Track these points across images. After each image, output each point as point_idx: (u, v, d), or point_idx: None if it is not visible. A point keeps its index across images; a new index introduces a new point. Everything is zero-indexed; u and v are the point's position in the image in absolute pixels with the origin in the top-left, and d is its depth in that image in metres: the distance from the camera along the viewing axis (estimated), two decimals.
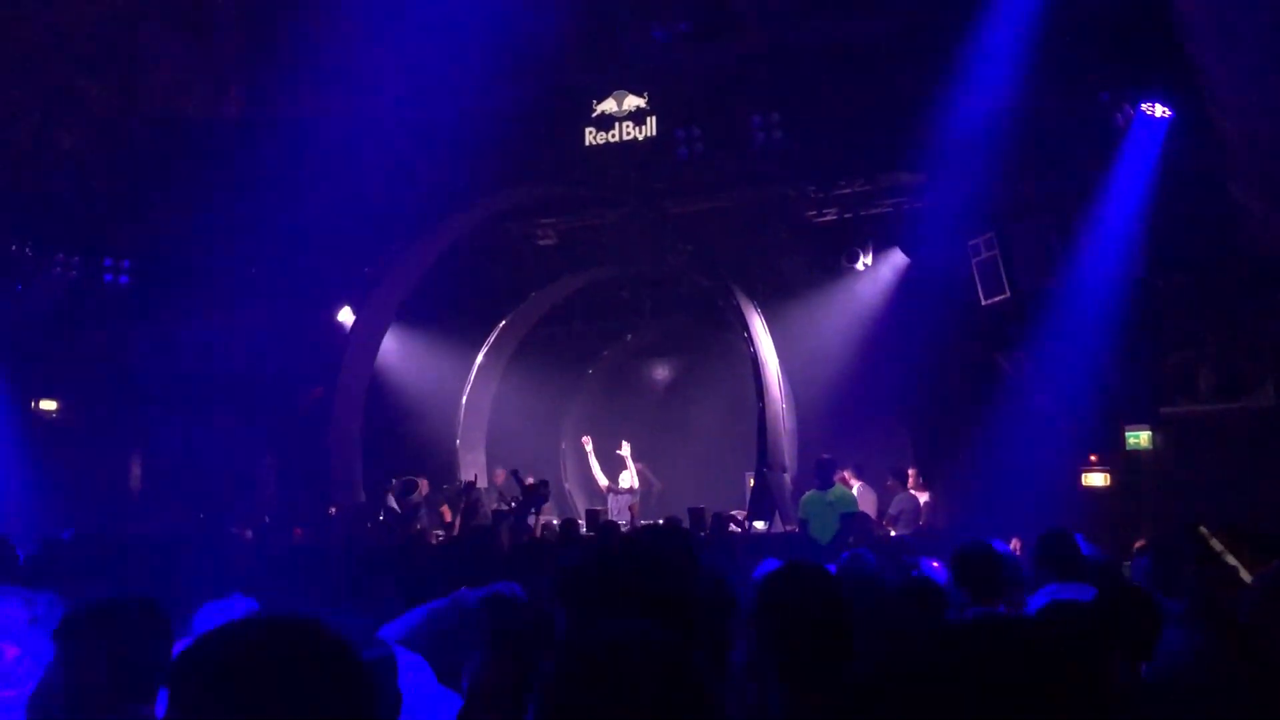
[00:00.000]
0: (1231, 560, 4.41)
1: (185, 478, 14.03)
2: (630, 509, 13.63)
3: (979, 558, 4.51)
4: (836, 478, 11.15)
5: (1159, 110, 9.81)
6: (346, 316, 15.27)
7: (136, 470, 14.58)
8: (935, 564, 5.67)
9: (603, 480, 14.66)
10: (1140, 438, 12.24)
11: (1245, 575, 4.30)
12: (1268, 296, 10.72)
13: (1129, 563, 6.50)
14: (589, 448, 14.84)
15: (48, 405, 14.12)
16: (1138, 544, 8.47)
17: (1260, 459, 11.10)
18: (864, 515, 10.45)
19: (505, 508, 12.84)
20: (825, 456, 10.97)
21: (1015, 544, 8.02)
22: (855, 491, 11.68)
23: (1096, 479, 13.45)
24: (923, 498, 12.51)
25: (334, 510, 13.58)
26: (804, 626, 2.60)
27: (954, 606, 4.32)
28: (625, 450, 14.71)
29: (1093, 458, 13.42)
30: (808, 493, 10.88)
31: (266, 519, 13.04)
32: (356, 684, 1.44)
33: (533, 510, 11.67)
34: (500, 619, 3.41)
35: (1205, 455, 11.68)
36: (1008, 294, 11.44)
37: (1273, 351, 11.07)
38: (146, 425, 14.63)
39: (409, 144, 14.84)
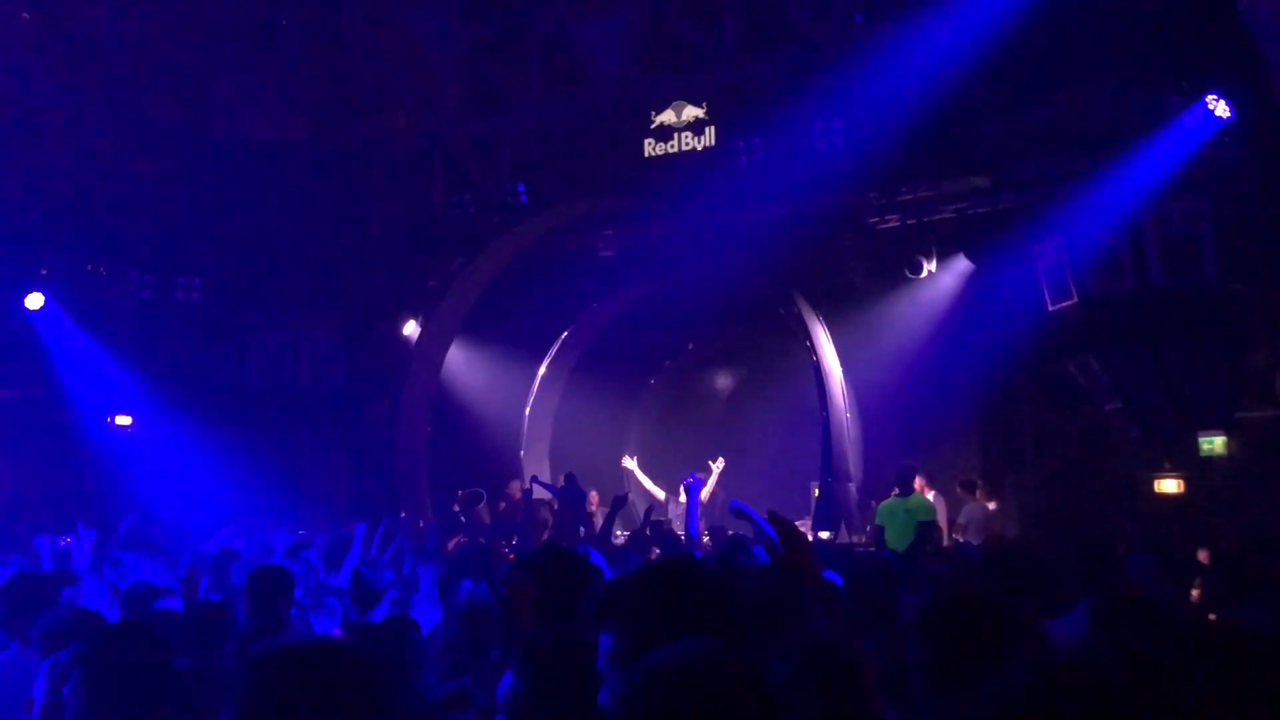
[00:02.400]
0: None
1: (254, 492, 14.28)
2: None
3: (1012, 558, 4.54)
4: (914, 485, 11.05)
5: (1220, 108, 9.60)
6: (411, 330, 15.46)
7: (209, 485, 14.87)
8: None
9: (659, 493, 14.64)
10: (1215, 443, 11.97)
11: None
12: None
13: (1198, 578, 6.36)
14: (633, 466, 14.83)
15: (123, 420, 14.46)
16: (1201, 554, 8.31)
17: None
18: (937, 524, 10.37)
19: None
20: (906, 463, 10.89)
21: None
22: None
23: (1170, 486, 13.19)
24: (991, 506, 12.35)
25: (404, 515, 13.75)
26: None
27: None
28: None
29: (1166, 464, 13.17)
30: (886, 499, 10.79)
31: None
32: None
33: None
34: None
35: None
36: (1075, 299, 11.25)
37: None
38: (217, 439, 14.92)
39: (472, 157, 15.04)
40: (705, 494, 14.31)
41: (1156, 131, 10.11)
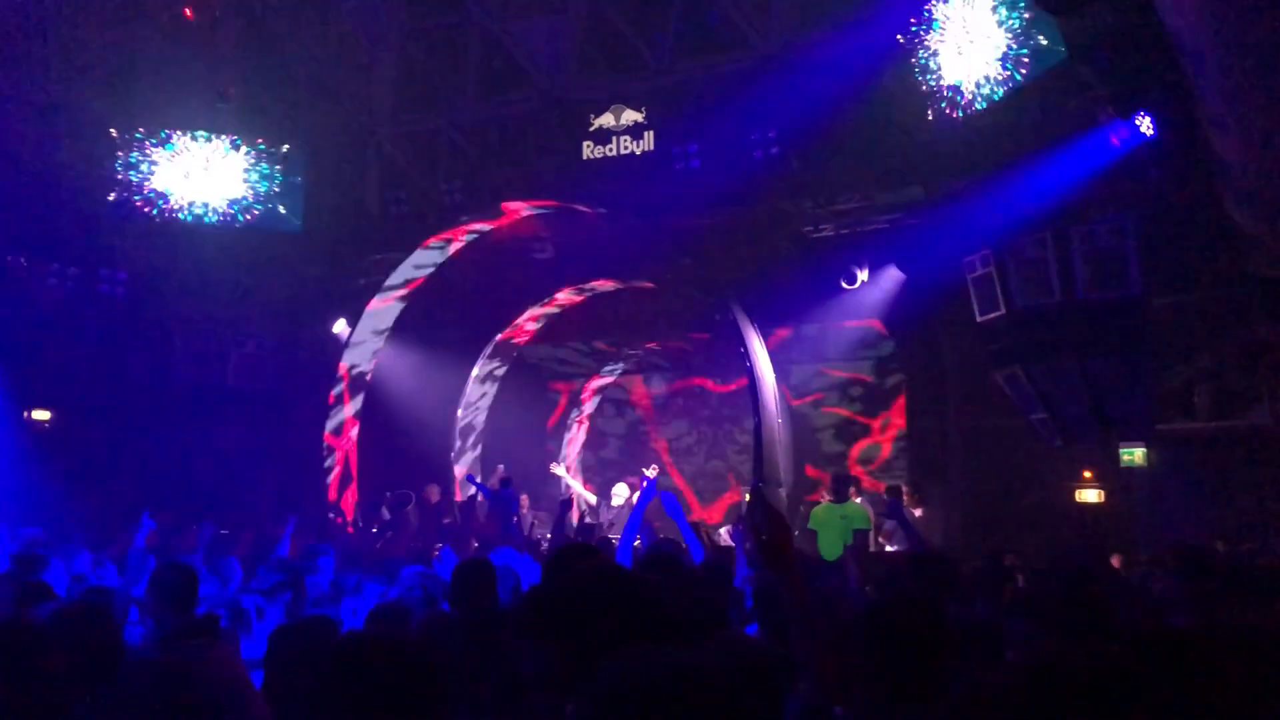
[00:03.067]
0: None
1: (180, 489, 13.98)
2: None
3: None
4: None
5: (1145, 126, 9.84)
6: (342, 329, 15.26)
7: (128, 482, 14.54)
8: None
9: (590, 497, 14.61)
10: (1135, 455, 12.26)
11: None
12: (1264, 316, 10.75)
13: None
14: (561, 471, 14.76)
15: (40, 415, 14.07)
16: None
17: (1254, 477, 11.14)
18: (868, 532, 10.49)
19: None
20: (840, 473, 11.00)
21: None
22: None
23: (1090, 495, 13.49)
24: (917, 513, 12.50)
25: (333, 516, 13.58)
26: None
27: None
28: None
29: (1086, 474, 13.47)
30: (820, 504, 10.87)
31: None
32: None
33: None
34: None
35: (1200, 473, 11.71)
36: (1003, 310, 11.44)
37: (1269, 371, 11.10)
38: (139, 437, 14.58)
39: (407, 155, 14.90)
40: (620, 494, 14.33)
41: (1086, 147, 10.32)
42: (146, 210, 14.30)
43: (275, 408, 15.07)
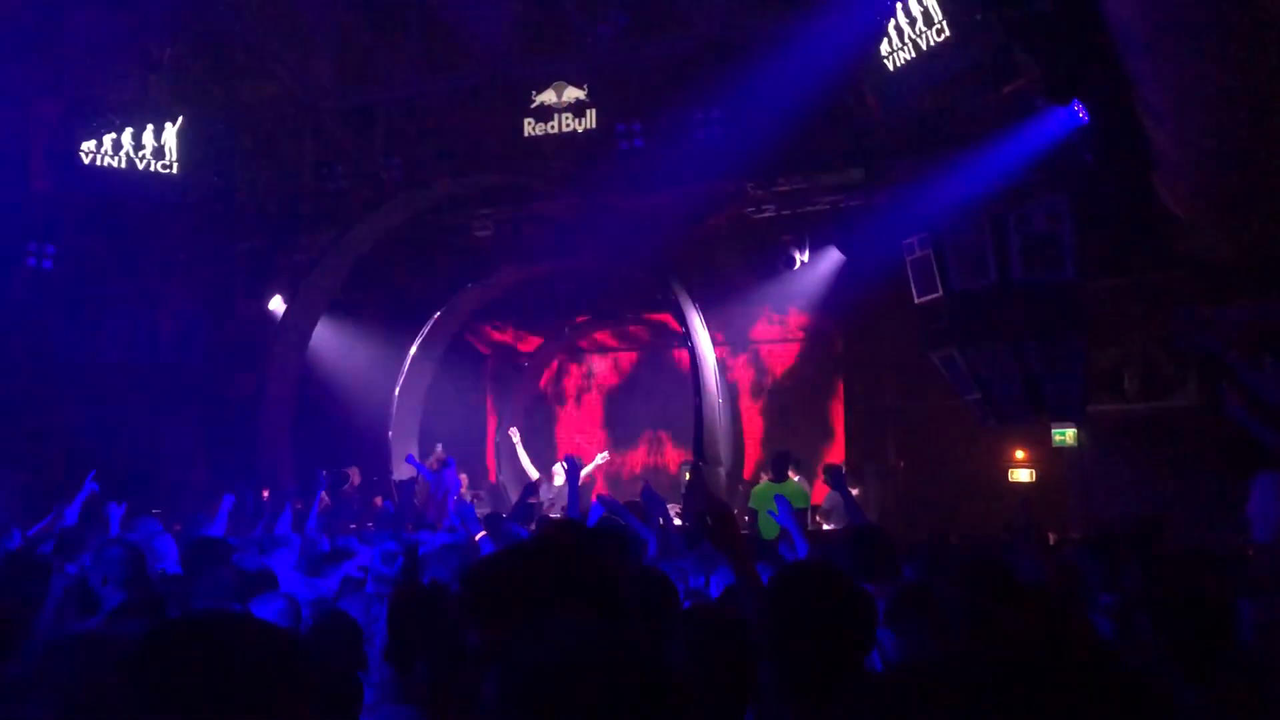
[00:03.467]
0: None
1: (108, 468, 13.68)
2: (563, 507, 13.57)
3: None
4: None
5: (1083, 113, 10.00)
6: (277, 305, 15.02)
7: (58, 460, 14.19)
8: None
9: (533, 472, 14.58)
10: (1067, 435, 12.53)
11: None
12: (1191, 300, 11.01)
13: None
14: (517, 439, 14.76)
15: None
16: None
17: (1181, 457, 11.42)
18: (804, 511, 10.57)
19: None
20: (781, 450, 11.04)
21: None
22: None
23: (1023, 475, 13.78)
24: (854, 492, 12.64)
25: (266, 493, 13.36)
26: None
27: None
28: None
29: (1019, 454, 13.74)
30: (760, 484, 10.94)
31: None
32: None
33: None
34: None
35: (1129, 453, 11.99)
36: (940, 293, 11.60)
37: (1196, 354, 11.38)
38: (67, 413, 14.24)
39: (345, 130, 14.66)
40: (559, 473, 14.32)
41: (1023, 133, 10.47)
42: (76, 182, 13.91)
43: (206, 384, 14.80)
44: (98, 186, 13.91)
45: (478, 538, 5.51)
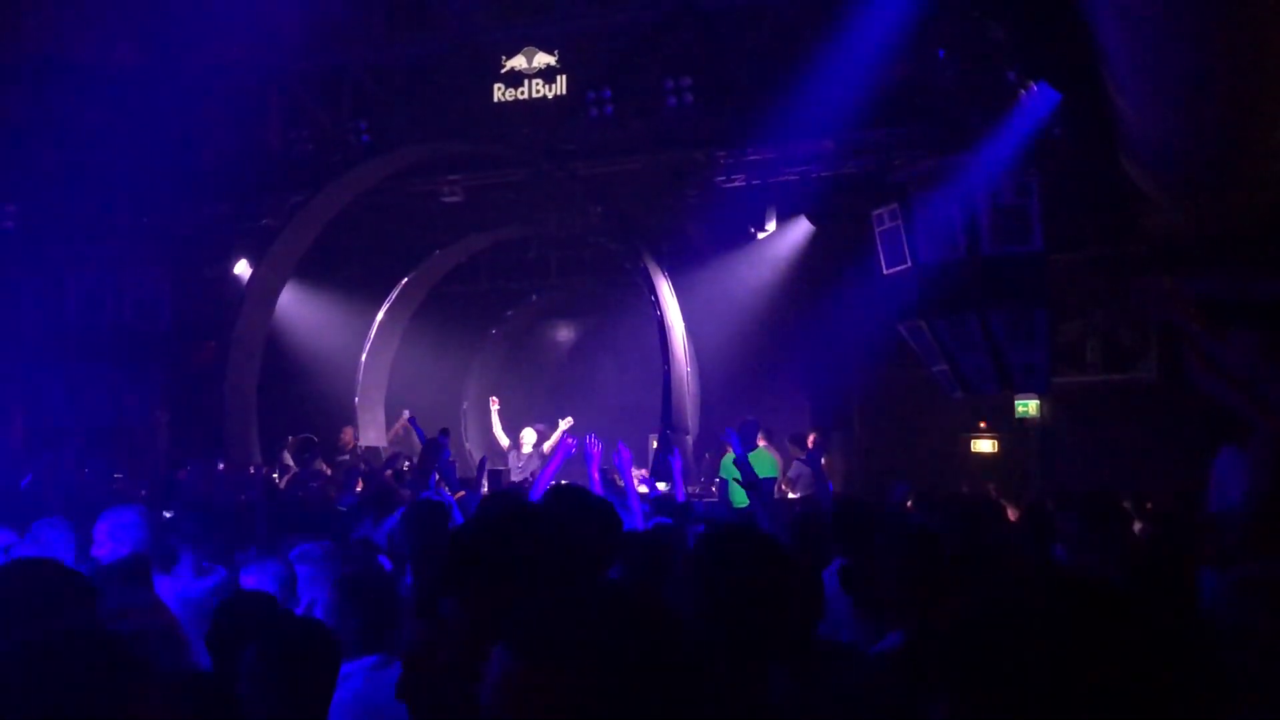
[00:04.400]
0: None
1: (71, 432, 13.55)
2: (533, 473, 13.59)
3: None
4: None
5: (1053, 87, 10.09)
6: (243, 269, 14.87)
7: (19, 423, 14.04)
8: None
9: (504, 440, 14.61)
10: (1029, 406, 12.71)
11: None
12: (1154, 274, 11.19)
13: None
14: (495, 408, 14.77)
15: None
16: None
17: (1142, 429, 11.64)
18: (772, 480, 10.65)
19: (404, 467, 12.68)
20: (749, 418, 11.08)
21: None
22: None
23: (985, 445, 13.96)
24: (822, 460, 12.76)
25: (223, 466, 13.26)
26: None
27: None
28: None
29: (981, 424, 13.92)
30: (729, 453, 10.97)
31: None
32: None
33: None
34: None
35: (1091, 425, 12.20)
36: (909, 264, 11.69)
37: (1156, 327, 11.57)
38: (30, 376, 14.08)
39: (312, 93, 14.48)
40: (548, 447, 14.32)
41: (994, 104, 10.54)
42: (39, 141, 13.68)
43: (170, 348, 14.68)
44: (62, 145, 13.70)
45: (457, 497, 5.54)
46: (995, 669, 1.25)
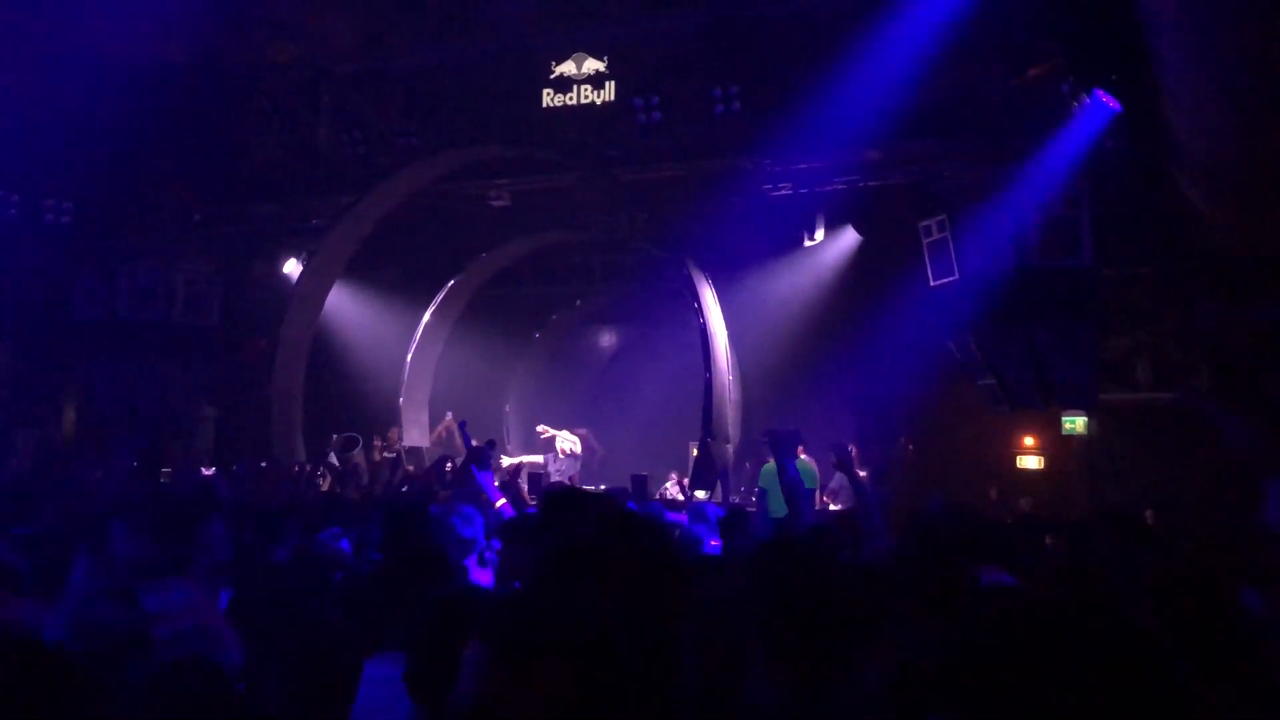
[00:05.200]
0: None
1: (121, 426, 13.78)
2: (570, 477, 13.62)
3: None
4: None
5: (1108, 100, 9.94)
6: (292, 268, 15.04)
7: (71, 416, 14.29)
8: None
9: (571, 443, 14.56)
10: (1077, 423, 12.53)
11: None
12: (1205, 291, 10.98)
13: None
14: (547, 434, 14.66)
15: None
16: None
17: (1190, 448, 11.42)
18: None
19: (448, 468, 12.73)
20: (792, 428, 10.98)
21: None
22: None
23: (1031, 462, 13.77)
24: (861, 474, 12.64)
25: (265, 464, 13.41)
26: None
27: None
28: (543, 430, 14.67)
29: (1028, 441, 13.73)
30: (769, 462, 10.89)
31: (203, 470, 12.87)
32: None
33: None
34: None
35: (1138, 442, 11.99)
36: (956, 276, 11.56)
37: (1207, 343, 11.35)
38: (82, 370, 14.32)
39: (363, 96, 14.63)
40: (574, 447, 14.32)
41: (1045, 116, 10.41)
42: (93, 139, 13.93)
43: (220, 345, 14.88)
44: (117, 143, 13.93)
45: (497, 505, 5.57)
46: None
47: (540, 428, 14.77)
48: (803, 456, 11.20)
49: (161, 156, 14.06)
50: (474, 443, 12.37)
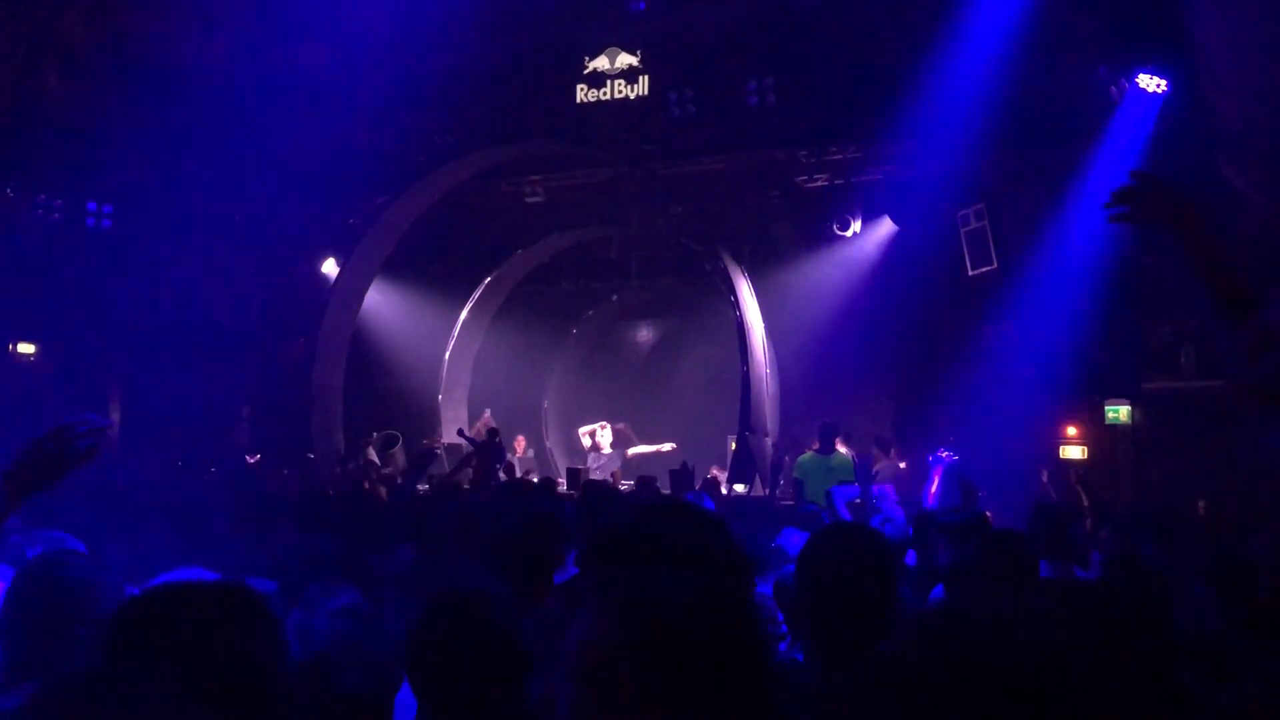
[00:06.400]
0: None
1: (164, 425, 13.96)
2: (613, 474, 13.63)
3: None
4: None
5: (1154, 84, 9.79)
6: (330, 268, 15.16)
7: (115, 416, 14.49)
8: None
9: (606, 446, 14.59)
10: (1120, 412, 12.35)
11: None
12: (1252, 278, 10.77)
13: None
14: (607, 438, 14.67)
15: (26, 349, 13.98)
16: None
17: (1237, 437, 11.22)
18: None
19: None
20: (829, 420, 10.93)
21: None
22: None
23: (1074, 452, 13.59)
24: (902, 466, 12.57)
25: (312, 455, 13.56)
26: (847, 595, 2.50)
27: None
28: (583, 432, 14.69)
29: (1071, 431, 13.56)
30: (806, 454, 10.85)
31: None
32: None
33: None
34: None
35: (1183, 432, 11.80)
36: (995, 265, 11.46)
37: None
38: (125, 371, 14.52)
39: (399, 94, 14.69)
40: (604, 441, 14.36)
41: (1082, 103, 10.28)
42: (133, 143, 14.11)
43: (260, 344, 15.04)
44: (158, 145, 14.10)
45: None
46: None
47: (581, 431, 14.81)
48: (841, 449, 11.14)
49: (199, 159, 14.19)
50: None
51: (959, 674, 1.25)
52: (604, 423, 14.56)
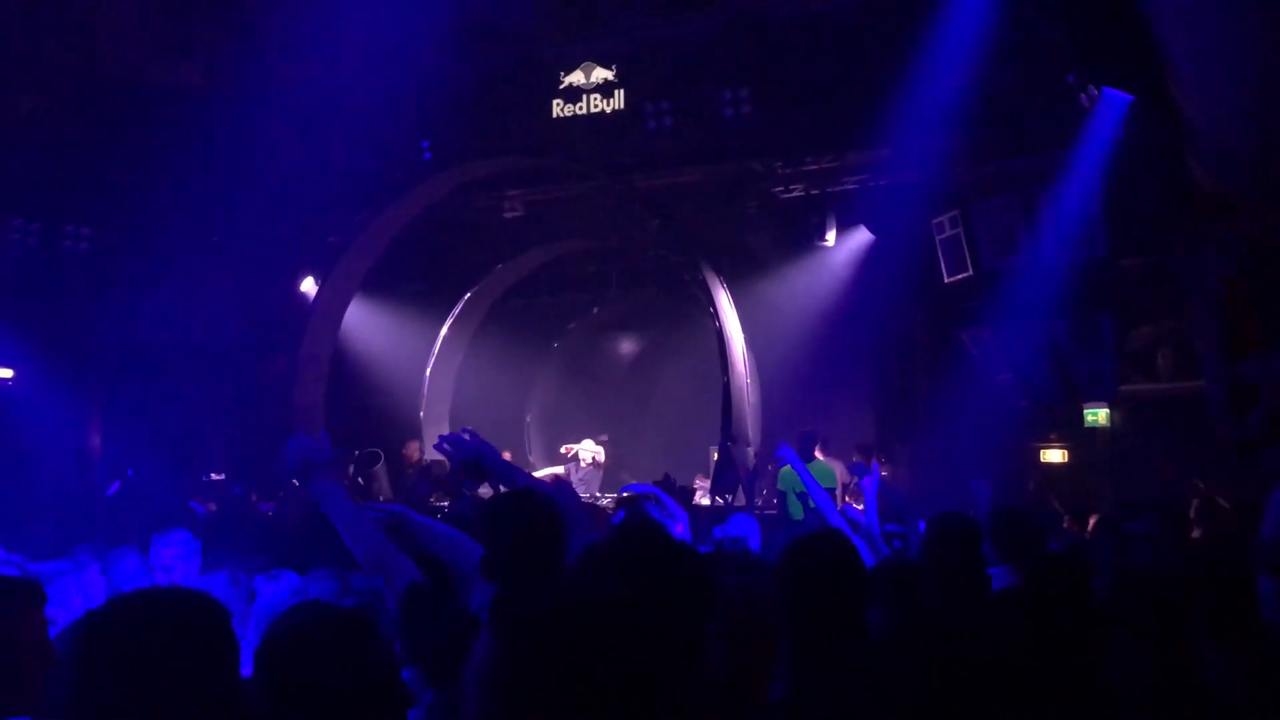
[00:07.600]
0: None
1: (144, 448, 13.89)
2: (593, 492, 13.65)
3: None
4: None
5: (1122, 89, 9.88)
6: (309, 287, 15.13)
7: (95, 440, 14.42)
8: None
9: (596, 453, 14.67)
10: (1099, 415, 12.42)
11: None
12: (1224, 279, 10.87)
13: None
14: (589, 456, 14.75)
15: (3, 373, 13.90)
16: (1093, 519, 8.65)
17: (1215, 439, 11.30)
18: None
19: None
20: (808, 429, 10.97)
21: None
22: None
23: (1055, 455, 13.67)
24: (883, 474, 12.58)
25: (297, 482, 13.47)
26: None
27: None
28: (567, 450, 14.75)
29: (1051, 435, 13.64)
30: (786, 465, 10.88)
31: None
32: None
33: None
34: None
35: (1162, 434, 11.88)
36: (971, 272, 11.53)
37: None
38: (105, 393, 14.46)
39: (374, 113, 14.68)
40: (595, 455, 14.44)
41: (1053, 108, 10.37)
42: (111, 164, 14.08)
43: (239, 364, 14.99)
44: (133, 166, 14.08)
45: None
46: None
47: (563, 449, 14.87)
48: (821, 457, 11.18)
49: (177, 179, 14.16)
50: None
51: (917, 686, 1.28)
52: (589, 440, 14.62)
